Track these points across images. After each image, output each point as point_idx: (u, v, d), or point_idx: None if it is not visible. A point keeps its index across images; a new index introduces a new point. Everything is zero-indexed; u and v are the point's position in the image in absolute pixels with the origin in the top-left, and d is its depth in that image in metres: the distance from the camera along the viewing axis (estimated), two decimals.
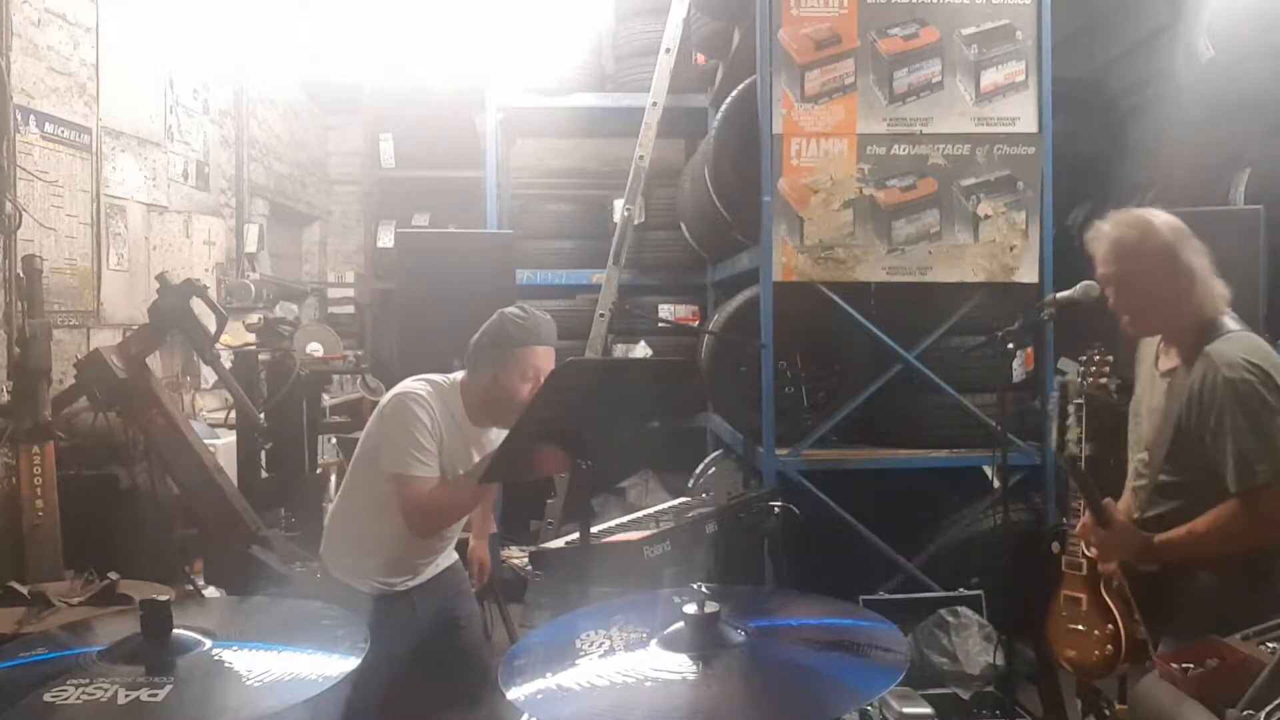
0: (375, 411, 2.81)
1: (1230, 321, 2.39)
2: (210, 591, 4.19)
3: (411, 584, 2.83)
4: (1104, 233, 2.47)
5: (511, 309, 2.80)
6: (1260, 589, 2.26)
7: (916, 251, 4.24)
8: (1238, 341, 2.34)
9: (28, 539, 3.68)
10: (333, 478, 5.62)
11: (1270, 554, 2.30)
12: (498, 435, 2.81)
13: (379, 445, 2.69)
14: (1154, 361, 2.55)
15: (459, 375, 2.82)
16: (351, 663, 1.74)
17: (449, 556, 3.00)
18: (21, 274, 3.96)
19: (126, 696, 1.59)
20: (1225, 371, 2.28)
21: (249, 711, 1.62)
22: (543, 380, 2.61)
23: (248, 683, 1.68)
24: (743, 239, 4.80)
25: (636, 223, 5.81)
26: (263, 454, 4.72)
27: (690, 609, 1.74)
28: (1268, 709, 1.67)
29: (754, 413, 4.32)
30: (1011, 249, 4.27)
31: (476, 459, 2.75)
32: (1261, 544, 2.28)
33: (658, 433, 5.64)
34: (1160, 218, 2.44)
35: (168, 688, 1.62)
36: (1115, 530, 2.39)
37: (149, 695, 1.60)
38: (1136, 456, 2.54)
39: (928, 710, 3.06)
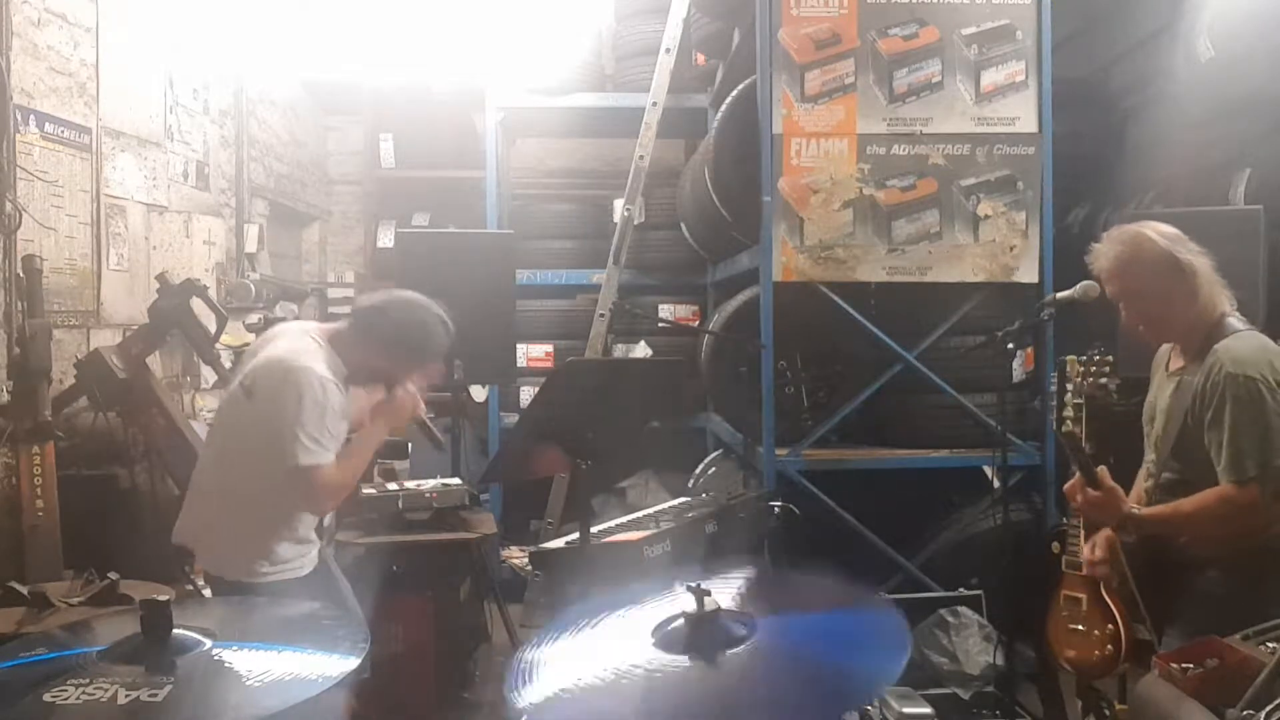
0: (269, 388, 2.55)
1: (1237, 321, 2.45)
2: (210, 592, 4.18)
3: (303, 571, 2.71)
4: (1101, 252, 2.53)
5: (441, 315, 2.70)
6: (1265, 588, 2.29)
7: (916, 251, 4.24)
8: (1246, 340, 2.40)
9: (28, 539, 3.67)
10: None
11: (1275, 552, 2.33)
12: (355, 392, 2.74)
13: (283, 435, 2.48)
14: (1165, 364, 2.60)
15: (327, 326, 2.72)
16: (352, 663, 1.74)
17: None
18: (21, 274, 3.95)
19: (126, 696, 1.59)
20: (1229, 367, 2.33)
21: (249, 711, 1.62)
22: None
23: (248, 683, 1.67)
24: (743, 239, 4.80)
25: (636, 223, 5.81)
26: None
27: (690, 608, 1.74)
28: (1268, 709, 1.67)
29: (754, 413, 4.32)
30: (1011, 249, 4.27)
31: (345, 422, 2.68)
32: (1238, 533, 2.33)
33: (658, 433, 5.63)
34: (1153, 227, 2.49)
35: (168, 688, 1.62)
36: (1104, 493, 2.42)
37: (149, 695, 1.59)
38: (1148, 458, 2.60)
39: (928, 710, 3.05)
